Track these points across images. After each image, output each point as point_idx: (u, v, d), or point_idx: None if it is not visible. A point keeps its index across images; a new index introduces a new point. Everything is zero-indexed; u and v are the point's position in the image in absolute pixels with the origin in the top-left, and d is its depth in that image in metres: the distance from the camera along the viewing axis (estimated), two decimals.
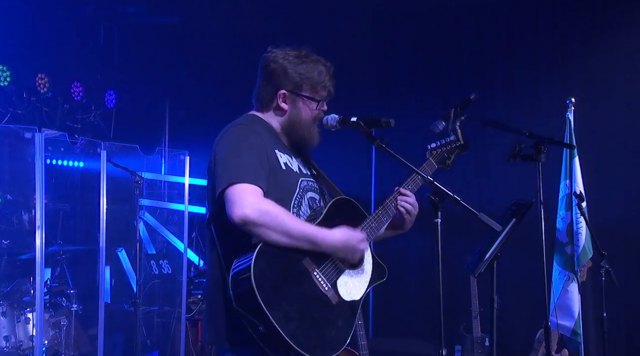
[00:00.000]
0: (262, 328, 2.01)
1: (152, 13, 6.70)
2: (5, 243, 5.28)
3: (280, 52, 2.34)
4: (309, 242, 2.14)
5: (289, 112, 2.34)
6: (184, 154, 6.10)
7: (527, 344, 4.88)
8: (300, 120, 2.35)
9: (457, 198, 2.19)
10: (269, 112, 2.37)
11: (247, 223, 2.05)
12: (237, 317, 2.07)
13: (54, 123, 6.04)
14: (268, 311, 1.98)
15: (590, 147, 5.16)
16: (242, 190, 2.08)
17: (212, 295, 2.25)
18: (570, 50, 5.66)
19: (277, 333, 1.99)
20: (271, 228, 2.07)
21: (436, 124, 2.98)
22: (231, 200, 2.07)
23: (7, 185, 5.59)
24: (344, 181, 3.23)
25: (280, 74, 2.31)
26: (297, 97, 2.33)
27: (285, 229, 2.09)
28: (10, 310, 4.73)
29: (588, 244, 4.48)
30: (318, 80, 2.34)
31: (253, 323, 2.03)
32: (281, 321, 2.00)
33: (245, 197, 2.06)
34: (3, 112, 5.62)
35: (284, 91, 2.32)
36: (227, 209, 2.08)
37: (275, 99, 2.33)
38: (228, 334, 2.18)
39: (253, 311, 2.01)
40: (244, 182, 2.09)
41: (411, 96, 6.34)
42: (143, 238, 6.23)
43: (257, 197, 2.09)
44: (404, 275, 6.08)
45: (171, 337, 5.78)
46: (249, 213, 2.04)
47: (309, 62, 2.33)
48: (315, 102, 2.35)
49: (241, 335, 2.10)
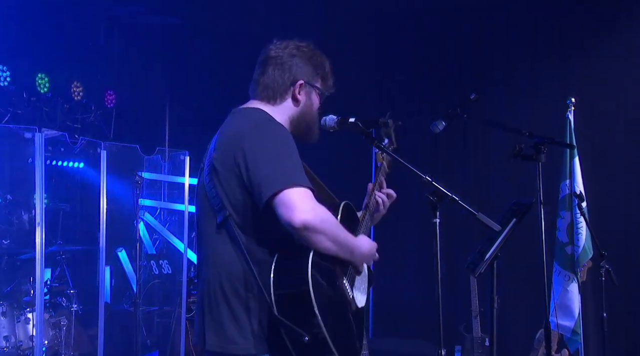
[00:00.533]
0: (308, 338, 1.93)
1: (152, 13, 6.69)
2: (5, 243, 5.28)
3: (292, 43, 2.31)
4: (349, 251, 2.14)
5: (304, 103, 2.30)
6: (184, 154, 6.10)
7: (527, 344, 4.88)
8: (312, 111, 2.33)
9: (456, 198, 2.19)
10: (279, 105, 2.28)
11: (308, 228, 1.95)
12: (271, 325, 2.01)
13: (54, 123, 6.04)
14: (322, 321, 1.93)
15: (590, 147, 5.16)
16: (302, 194, 1.97)
17: (228, 296, 2.09)
18: (570, 50, 5.66)
19: (324, 343, 1.94)
20: (327, 235, 2.01)
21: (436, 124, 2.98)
22: (290, 203, 1.95)
23: (7, 185, 5.59)
24: (344, 181, 3.24)
25: (298, 64, 2.27)
26: (312, 88, 2.31)
27: (337, 238, 2.06)
28: (10, 310, 4.74)
29: (588, 244, 4.48)
30: (327, 73, 2.35)
31: (296, 332, 1.94)
32: (330, 331, 1.95)
33: (307, 201, 1.97)
34: (3, 112, 5.63)
35: (302, 81, 2.28)
36: (284, 213, 1.95)
37: (291, 90, 2.27)
38: (252, 343, 2.05)
39: (303, 320, 1.94)
40: (302, 186, 1.99)
41: (411, 96, 6.34)
42: (143, 238, 6.24)
43: (315, 202, 2.00)
44: (404, 275, 6.08)
45: (171, 337, 5.78)
46: (312, 219, 1.95)
47: (319, 55, 2.34)
48: (323, 95, 2.36)
49: (272, 344, 2.03)
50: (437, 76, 6.23)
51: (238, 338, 2.06)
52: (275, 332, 1.99)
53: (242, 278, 2.08)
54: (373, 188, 2.53)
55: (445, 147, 6.07)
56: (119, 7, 6.60)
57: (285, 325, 1.95)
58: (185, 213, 5.97)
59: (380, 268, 6.21)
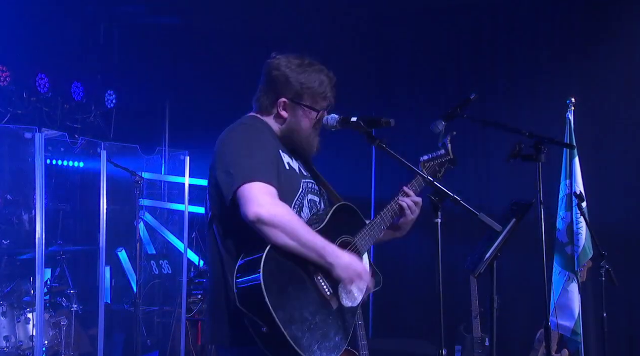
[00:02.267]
0: (265, 328, 2.01)
1: (152, 13, 6.69)
2: (5, 243, 5.28)
3: (283, 60, 2.33)
4: (315, 253, 2.13)
5: (289, 120, 2.34)
6: (184, 154, 6.10)
7: (527, 344, 4.88)
8: (300, 129, 2.34)
9: (457, 198, 2.19)
10: (269, 117, 2.36)
11: (260, 221, 2.03)
12: (239, 316, 2.07)
13: (54, 123, 6.04)
14: (274, 312, 1.99)
15: (590, 147, 5.16)
16: (258, 189, 2.06)
17: (214, 294, 2.26)
18: (570, 50, 5.66)
19: (280, 334, 2.00)
20: (283, 230, 2.06)
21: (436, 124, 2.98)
22: (247, 198, 2.05)
23: (7, 185, 5.59)
24: (344, 181, 3.24)
25: (281, 81, 2.30)
26: (297, 106, 2.32)
27: (297, 235, 2.08)
28: (10, 310, 4.73)
29: (588, 244, 4.48)
30: (319, 90, 2.32)
31: (256, 323, 2.03)
32: (285, 323, 2.01)
33: (261, 196, 2.05)
34: (3, 112, 5.62)
35: (284, 99, 2.31)
36: (242, 207, 2.06)
37: (276, 106, 2.33)
38: (229, 333, 2.18)
39: (258, 311, 2.02)
40: (260, 181, 2.08)
41: (411, 96, 6.34)
42: (143, 238, 6.24)
43: (273, 197, 2.08)
44: (404, 275, 6.08)
45: (171, 337, 5.78)
46: (264, 212, 2.03)
47: (312, 72, 2.32)
48: (315, 112, 2.34)
49: (242, 334, 2.10)
50: (437, 76, 6.23)
51: (218, 332, 2.23)
52: (243, 324, 2.07)
53: (221, 274, 2.21)
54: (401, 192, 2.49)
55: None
56: (119, 7, 6.60)
57: (247, 316, 2.05)
58: (185, 213, 5.97)
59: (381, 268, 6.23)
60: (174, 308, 5.87)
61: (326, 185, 2.49)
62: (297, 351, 2.02)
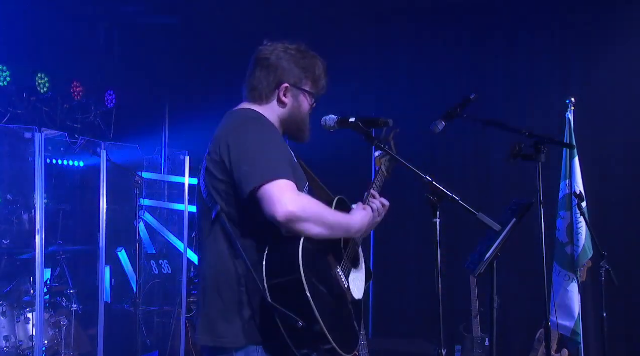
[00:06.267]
0: (302, 323, 1.95)
1: (152, 13, 6.69)
2: (5, 243, 5.28)
3: (280, 46, 2.32)
4: (345, 230, 2.19)
5: (291, 106, 2.32)
6: (184, 154, 6.10)
7: (527, 344, 4.88)
8: (301, 113, 2.34)
9: (456, 198, 2.19)
10: (267, 105, 2.31)
11: (292, 220, 1.99)
12: (265, 313, 2.03)
13: (54, 123, 6.04)
14: (315, 306, 1.96)
15: (590, 147, 5.16)
16: (281, 187, 2.01)
17: (221, 293, 2.15)
18: (570, 50, 5.66)
19: (318, 328, 1.97)
20: (315, 222, 2.04)
21: (436, 124, 2.98)
22: (271, 198, 2.00)
23: (7, 185, 5.59)
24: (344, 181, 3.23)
25: (283, 67, 2.29)
26: (299, 91, 2.32)
27: (326, 221, 2.09)
28: (10, 310, 4.73)
29: (588, 244, 4.48)
30: (318, 76, 2.35)
31: (290, 318, 1.97)
32: (324, 318, 1.99)
33: (286, 194, 2.00)
34: (3, 112, 5.63)
35: (287, 84, 2.30)
36: (267, 207, 2.00)
37: (277, 92, 2.30)
38: (248, 331, 2.09)
39: (297, 306, 1.97)
40: (281, 179, 2.02)
41: (411, 96, 6.33)
42: (143, 238, 6.24)
43: (296, 192, 2.05)
44: (404, 275, 6.07)
45: (171, 337, 5.78)
46: (294, 210, 1.98)
47: (310, 58, 2.34)
48: (313, 97, 2.36)
49: (262, 331, 2.06)
50: (437, 76, 6.22)
51: (227, 333, 2.11)
52: (270, 320, 2.02)
53: (235, 271, 2.13)
54: (367, 195, 2.47)
55: (445, 147, 6.07)
56: (119, 7, 6.60)
57: (280, 311, 1.98)
58: (185, 213, 5.97)
59: (381, 267, 6.23)
60: (174, 308, 5.87)
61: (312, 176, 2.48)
62: (333, 345, 2.01)
